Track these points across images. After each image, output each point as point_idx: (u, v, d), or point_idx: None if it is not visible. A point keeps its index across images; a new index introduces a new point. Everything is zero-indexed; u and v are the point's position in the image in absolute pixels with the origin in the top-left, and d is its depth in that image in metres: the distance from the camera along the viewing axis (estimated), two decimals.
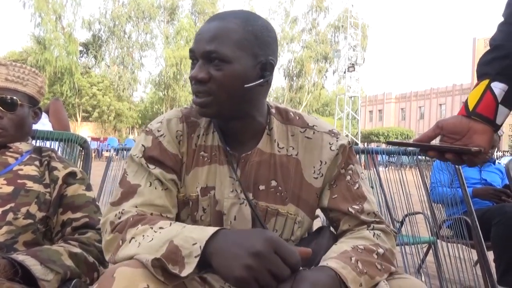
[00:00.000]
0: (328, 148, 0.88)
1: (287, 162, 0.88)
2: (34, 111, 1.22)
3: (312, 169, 0.88)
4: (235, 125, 0.87)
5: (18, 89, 1.14)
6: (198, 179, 0.87)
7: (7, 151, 1.13)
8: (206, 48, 0.80)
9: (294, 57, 33.43)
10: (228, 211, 0.86)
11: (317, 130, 0.90)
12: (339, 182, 0.88)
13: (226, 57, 0.79)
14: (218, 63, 0.80)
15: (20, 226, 1.01)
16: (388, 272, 0.79)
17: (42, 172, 1.13)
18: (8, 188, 1.05)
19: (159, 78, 31.33)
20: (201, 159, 0.88)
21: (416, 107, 45.38)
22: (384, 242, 0.84)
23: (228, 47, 0.80)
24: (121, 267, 0.67)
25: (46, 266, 0.89)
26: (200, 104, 0.82)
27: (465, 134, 0.81)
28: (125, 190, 0.83)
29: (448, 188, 2.55)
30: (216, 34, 0.80)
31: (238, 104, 0.83)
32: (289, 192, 0.87)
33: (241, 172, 0.87)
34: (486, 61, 0.83)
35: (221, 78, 0.80)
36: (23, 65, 1.17)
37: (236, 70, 0.80)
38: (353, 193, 0.88)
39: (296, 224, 0.88)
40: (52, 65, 27.15)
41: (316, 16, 33.12)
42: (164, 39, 31.54)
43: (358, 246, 0.79)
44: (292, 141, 0.89)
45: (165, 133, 0.87)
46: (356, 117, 30.12)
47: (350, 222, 0.87)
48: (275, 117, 0.91)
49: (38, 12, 27.37)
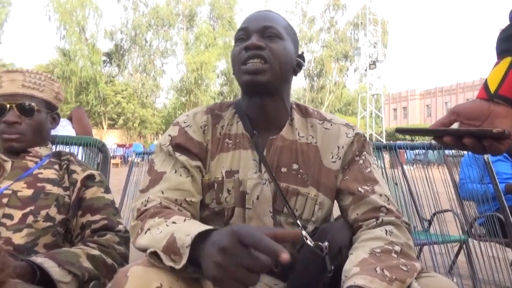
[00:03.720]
0: (345, 136, 0.94)
1: (307, 149, 0.93)
2: (52, 116, 1.23)
3: (331, 155, 0.92)
4: (269, 104, 0.92)
5: (35, 95, 1.15)
6: (223, 163, 0.92)
7: (27, 156, 1.15)
8: (263, 24, 0.90)
9: (314, 57, 33.23)
10: (251, 190, 0.89)
11: (334, 122, 0.97)
12: (352, 166, 0.92)
13: (280, 33, 0.90)
14: (274, 37, 0.90)
15: (40, 228, 1.02)
16: (415, 272, 0.75)
17: (61, 175, 1.14)
18: (28, 191, 1.06)
19: (180, 84, 31.80)
20: (225, 145, 0.93)
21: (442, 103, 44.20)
22: (398, 237, 0.81)
23: (281, 27, 0.92)
24: (134, 266, 0.67)
25: (64, 268, 0.89)
26: (255, 71, 0.87)
27: (486, 119, 0.71)
28: (152, 178, 0.88)
29: (478, 184, 2.44)
30: (270, 16, 0.93)
31: (281, 79, 0.90)
32: (310, 176, 0.91)
33: (266, 154, 0.91)
34: (507, 36, 0.73)
35: (276, 48, 0.89)
36: (39, 72, 1.18)
37: (287, 46, 0.91)
38: (365, 175, 0.90)
39: (317, 205, 0.90)
40: (77, 76, 28.02)
41: (334, 14, 32.88)
42: (184, 45, 32.01)
43: (375, 251, 0.77)
44: (311, 131, 0.95)
45: (191, 123, 0.94)
46: (380, 115, 29.60)
47: (358, 209, 0.86)
48: (295, 111, 0.98)
49: (63, 25, 28.33)
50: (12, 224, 1.01)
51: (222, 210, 0.90)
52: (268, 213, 0.88)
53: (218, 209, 0.90)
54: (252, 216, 0.88)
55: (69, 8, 28.57)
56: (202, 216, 0.92)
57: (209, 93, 31.24)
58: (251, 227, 0.61)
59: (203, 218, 0.92)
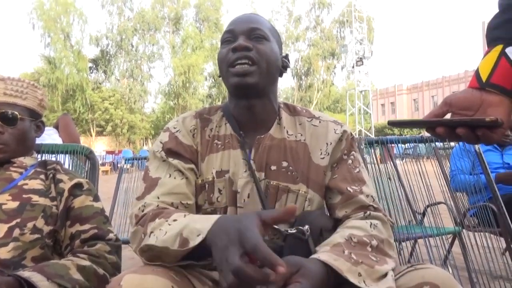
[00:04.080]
0: (333, 132, 0.95)
1: (296, 146, 0.94)
2: (36, 124, 1.20)
3: (319, 151, 0.93)
4: (256, 105, 0.93)
5: (17, 103, 1.12)
6: (213, 164, 0.92)
7: (11, 166, 1.11)
8: (250, 26, 0.92)
9: (301, 56, 33.34)
10: (242, 189, 0.89)
11: (323, 120, 0.98)
12: (341, 165, 0.93)
13: (266, 35, 0.92)
14: (260, 39, 0.91)
15: (28, 241, 0.99)
16: (385, 264, 0.76)
17: (48, 185, 1.11)
18: (13, 204, 1.03)
19: (168, 87, 31.63)
20: (215, 146, 0.94)
21: (428, 96, 44.68)
22: (380, 232, 0.83)
23: (266, 29, 0.94)
24: (128, 275, 0.65)
25: (53, 281, 0.86)
26: (243, 73, 0.88)
27: (478, 109, 0.70)
28: (147, 185, 0.89)
29: (469, 176, 2.46)
30: (256, 18, 0.95)
31: (268, 80, 0.92)
32: (299, 173, 0.92)
33: (254, 154, 0.92)
34: (498, 23, 0.72)
35: (263, 49, 0.90)
36: (21, 79, 1.15)
37: (273, 48, 0.93)
38: (353, 176, 0.91)
39: (306, 201, 0.91)
40: (63, 83, 27.68)
41: (320, 13, 33.04)
42: (170, 49, 31.84)
43: (352, 239, 0.79)
44: (300, 128, 0.96)
45: (180, 128, 0.95)
46: (368, 111, 29.81)
47: (346, 207, 0.88)
48: (283, 110, 0.99)
49: (48, 33, 27.97)
50: None
51: (214, 211, 0.90)
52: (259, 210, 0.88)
53: (211, 210, 0.90)
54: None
55: (53, 15, 28.23)
56: None
57: (198, 96, 31.12)
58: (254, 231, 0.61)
59: None
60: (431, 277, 0.71)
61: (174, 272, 0.70)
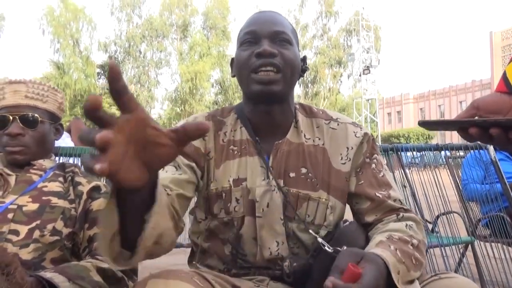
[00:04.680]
0: (353, 136, 0.91)
1: (315, 151, 0.90)
2: (55, 127, 1.21)
3: (339, 156, 0.90)
4: (275, 110, 0.90)
5: (38, 106, 1.13)
6: (230, 171, 0.88)
7: (31, 169, 1.13)
8: (274, 29, 0.87)
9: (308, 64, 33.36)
10: (260, 198, 0.86)
11: (341, 122, 0.94)
12: (365, 170, 0.90)
13: (290, 39, 0.88)
14: (284, 43, 0.87)
15: (47, 243, 0.99)
16: (420, 269, 0.76)
17: (67, 188, 1.12)
18: (33, 206, 1.04)
19: (175, 94, 31.77)
20: (231, 152, 0.90)
21: (435, 106, 44.48)
22: (416, 233, 0.82)
23: (289, 32, 0.89)
24: (153, 279, 0.64)
25: (74, 282, 0.87)
26: (268, 81, 0.84)
27: (507, 113, 0.69)
28: None
29: (481, 185, 2.44)
30: (279, 20, 0.90)
31: (291, 87, 0.89)
32: (319, 179, 0.89)
33: (272, 160, 0.89)
34: None
35: (288, 55, 0.86)
36: (42, 82, 1.16)
37: (296, 52, 0.90)
38: (379, 180, 0.89)
39: (328, 209, 0.88)
40: (71, 88, 27.92)
41: (327, 21, 33.08)
42: (178, 56, 32.06)
43: (393, 236, 0.78)
44: (317, 132, 0.93)
45: None
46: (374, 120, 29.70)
47: (377, 212, 0.87)
48: (299, 111, 0.95)
49: (57, 38, 28.32)
50: (18, 240, 0.98)
51: (231, 220, 0.87)
52: (279, 221, 0.86)
53: (227, 219, 0.87)
54: (263, 224, 0.86)
55: (63, 21, 28.59)
56: (210, 226, 0.89)
57: (204, 102, 31.22)
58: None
59: (211, 228, 0.89)
60: (456, 286, 0.71)
61: (197, 277, 0.70)
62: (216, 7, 32.05)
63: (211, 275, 0.75)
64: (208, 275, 0.73)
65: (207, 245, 0.91)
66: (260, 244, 0.86)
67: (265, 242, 0.86)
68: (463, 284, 0.71)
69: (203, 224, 0.91)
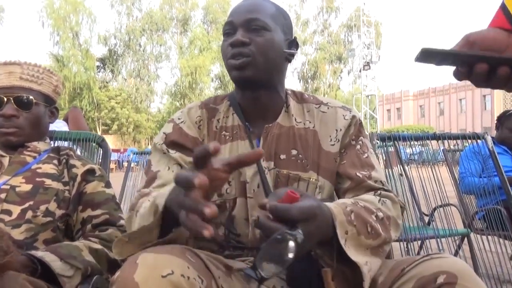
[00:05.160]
0: (342, 118, 0.94)
1: (305, 134, 0.93)
2: (50, 110, 1.20)
3: (329, 138, 0.93)
4: (262, 96, 0.92)
5: (33, 88, 1.12)
6: (222, 155, 0.89)
7: (25, 150, 1.12)
8: (248, 17, 0.88)
9: (308, 59, 33.34)
10: (251, 179, 0.88)
11: (331, 106, 0.96)
12: (349, 151, 0.92)
13: (266, 25, 0.88)
14: (259, 30, 0.88)
15: (40, 224, 0.99)
16: (375, 239, 0.76)
17: (61, 170, 1.11)
18: (27, 187, 1.03)
19: (175, 88, 31.76)
20: (223, 137, 0.93)
21: (435, 103, 44.46)
22: (388, 209, 0.83)
23: (267, 18, 0.89)
24: (144, 253, 0.64)
25: (66, 261, 0.87)
26: (239, 66, 0.86)
27: (504, 51, 0.58)
28: (148, 178, 0.89)
29: (479, 178, 2.44)
30: (255, 6, 0.90)
31: (270, 71, 0.90)
32: (310, 161, 0.90)
33: (263, 143, 0.91)
34: None
35: (261, 42, 0.87)
36: (37, 64, 1.16)
37: (274, 38, 0.89)
38: (362, 161, 0.90)
39: (317, 189, 0.90)
40: (71, 81, 27.88)
41: (327, 17, 33.06)
42: (178, 50, 31.99)
43: (358, 202, 0.79)
44: (308, 116, 0.95)
45: (185, 119, 0.93)
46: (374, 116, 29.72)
47: (357, 191, 0.88)
48: (291, 97, 0.97)
49: (57, 31, 28.23)
50: (11, 220, 0.98)
51: (223, 202, 0.88)
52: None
53: (220, 202, 0.88)
54: (254, 205, 0.87)
55: (63, 13, 28.49)
56: None
57: (204, 96, 31.17)
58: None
59: None
60: (448, 266, 0.69)
61: (189, 253, 0.70)
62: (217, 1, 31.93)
63: (203, 253, 0.74)
64: (201, 253, 0.73)
65: None
66: (252, 224, 0.87)
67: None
68: (455, 264, 0.70)
69: None
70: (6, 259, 0.52)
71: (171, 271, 0.62)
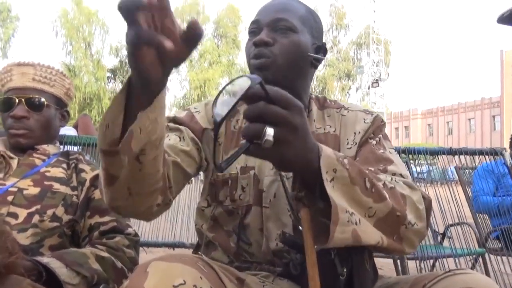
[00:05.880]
0: (363, 122, 0.90)
1: (325, 139, 0.89)
2: (61, 113, 1.19)
3: (346, 141, 0.89)
4: None
5: (45, 90, 1.11)
6: (238, 158, 0.82)
7: (34, 153, 1.10)
8: (275, 16, 0.85)
9: (316, 75, 33.46)
10: (267, 188, 0.84)
11: (351, 109, 0.93)
12: (364, 148, 0.86)
13: (293, 26, 0.85)
14: (285, 31, 0.84)
15: (46, 229, 0.97)
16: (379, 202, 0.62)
17: (70, 174, 1.09)
18: (34, 190, 1.01)
19: (183, 100, 31.94)
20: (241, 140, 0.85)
21: (443, 122, 44.22)
22: (402, 188, 0.70)
23: (294, 19, 0.85)
24: (155, 261, 0.61)
25: (72, 269, 0.83)
26: (259, 66, 0.83)
27: None
28: None
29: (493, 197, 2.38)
30: (284, 6, 0.87)
31: (292, 75, 0.86)
32: None
33: None
34: None
35: (286, 43, 0.84)
36: (50, 66, 1.15)
37: (301, 40, 0.85)
38: (377, 155, 0.82)
39: None
40: (81, 91, 28.19)
41: (337, 34, 33.25)
42: (188, 63, 32.32)
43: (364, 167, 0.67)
44: (329, 120, 0.92)
45: (201, 110, 0.90)
46: None
47: None
48: (314, 102, 0.95)
49: (70, 41, 28.73)
50: (17, 223, 0.95)
51: (236, 209, 0.85)
52: (286, 212, 0.83)
53: (232, 207, 0.85)
54: (269, 215, 0.83)
55: (76, 24, 29.02)
56: (215, 213, 0.87)
57: None
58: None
59: (216, 216, 0.87)
60: (473, 282, 0.65)
61: (201, 262, 0.66)
62: (228, 15, 32.39)
63: (216, 264, 0.71)
64: (213, 264, 0.69)
65: (212, 236, 0.88)
66: (266, 235, 0.83)
67: (271, 233, 0.83)
68: (481, 280, 0.66)
69: (208, 211, 0.89)
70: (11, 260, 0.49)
71: (183, 281, 0.58)
